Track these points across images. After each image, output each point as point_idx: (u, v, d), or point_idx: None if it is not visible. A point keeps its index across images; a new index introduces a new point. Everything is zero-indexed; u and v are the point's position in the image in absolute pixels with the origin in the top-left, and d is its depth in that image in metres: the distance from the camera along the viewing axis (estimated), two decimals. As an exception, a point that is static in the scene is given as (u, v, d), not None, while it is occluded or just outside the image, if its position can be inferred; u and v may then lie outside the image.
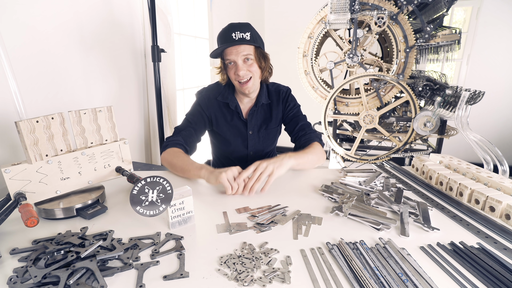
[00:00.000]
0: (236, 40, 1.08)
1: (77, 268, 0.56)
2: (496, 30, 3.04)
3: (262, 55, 1.16)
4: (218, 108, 1.26)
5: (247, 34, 1.08)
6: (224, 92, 1.25)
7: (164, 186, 0.70)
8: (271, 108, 1.29)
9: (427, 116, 1.74)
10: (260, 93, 1.26)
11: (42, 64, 1.13)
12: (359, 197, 0.88)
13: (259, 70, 1.16)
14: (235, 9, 2.94)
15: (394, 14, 1.71)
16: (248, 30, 1.09)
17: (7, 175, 0.73)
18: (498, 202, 0.78)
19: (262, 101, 1.26)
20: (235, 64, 1.12)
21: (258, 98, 1.26)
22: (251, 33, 1.10)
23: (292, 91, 1.35)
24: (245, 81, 1.14)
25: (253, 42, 1.10)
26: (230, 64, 1.14)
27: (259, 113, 1.28)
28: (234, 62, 1.12)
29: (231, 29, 1.08)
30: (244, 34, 1.08)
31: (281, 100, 1.30)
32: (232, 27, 1.09)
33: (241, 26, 1.09)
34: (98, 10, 1.37)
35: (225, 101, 1.24)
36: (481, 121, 3.22)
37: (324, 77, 2.11)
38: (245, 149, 1.31)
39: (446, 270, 0.58)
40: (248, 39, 1.09)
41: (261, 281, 0.55)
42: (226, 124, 1.27)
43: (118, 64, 1.52)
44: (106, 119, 0.89)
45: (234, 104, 1.24)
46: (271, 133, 1.32)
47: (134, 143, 1.69)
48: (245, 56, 1.11)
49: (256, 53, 1.14)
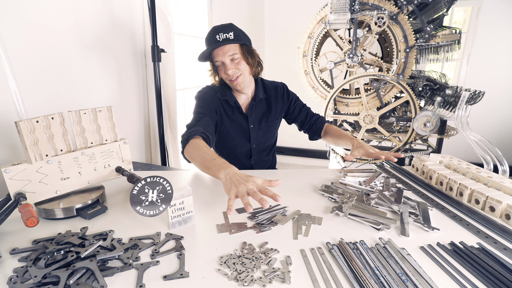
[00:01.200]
0: (220, 41, 1.12)
1: (77, 268, 0.56)
2: (496, 30, 3.04)
3: (248, 52, 1.19)
4: (220, 104, 1.29)
5: (230, 34, 1.12)
6: (222, 90, 1.28)
7: (164, 186, 0.70)
8: (269, 101, 1.34)
9: (427, 116, 1.74)
10: (257, 88, 1.31)
11: (42, 63, 1.13)
12: (359, 197, 0.88)
13: (247, 66, 1.20)
14: (235, 9, 2.94)
15: (394, 14, 1.71)
16: (231, 30, 1.13)
17: (7, 175, 0.73)
18: (498, 202, 0.78)
19: (260, 95, 1.30)
20: (224, 64, 1.16)
21: (256, 93, 1.30)
22: (234, 32, 1.13)
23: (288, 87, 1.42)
24: (235, 79, 1.18)
25: (237, 40, 1.13)
26: (220, 65, 1.18)
27: (258, 107, 1.32)
28: (223, 63, 1.16)
29: (214, 32, 1.13)
30: (227, 34, 1.12)
31: (279, 95, 1.36)
32: (215, 30, 1.13)
33: (223, 28, 1.13)
34: (98, 10, 1.37)
35: (224, 98, 1.27)
36: (481, 121, 3.22)
37: (324, 77, 2.11)
38: (248, 143, 1.34)
39: (446, 270, 0.58)
40: (231, 39, 1.12)
41: (261, 281, 0.55)
42: (228, 120, 1.30)
43: (118, 64, 1.52)
44: (106, 119, 0.89)
45: (233, 100, 1.27)
46: (271, 125, 1.37)
47: (134, 143, 1.69)
48: (231, 56, 1.14)
49: (242, 51, 1.17)
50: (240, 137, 1.33)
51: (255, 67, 1.23)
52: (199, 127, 1.08)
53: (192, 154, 0.98)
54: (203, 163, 0.91)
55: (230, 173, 0.80)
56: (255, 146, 1.35)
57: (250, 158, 1.36)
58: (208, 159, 0.90)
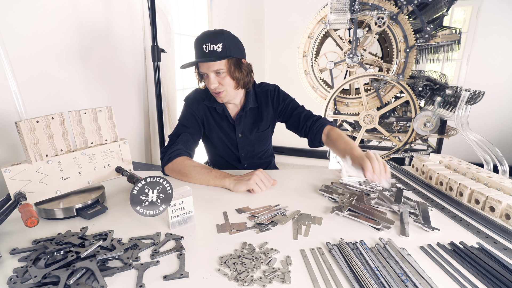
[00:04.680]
0: (206, 53, 1.04)
1: (77, 268, 0.56)
2: (496, 30, 3.04)
3: (236, 65, 1.10)
4: (207, 111, 1.24)
5: (218, 45, 1.03)
6: (211, 97, 1.22)
7: (164, 186, 0.70)
8: (260, 110, 1.27)
9: (427, 116, 1.74)
10: (247, 97, 1.23)
11: (42, 63, 1.13)
12: (359, 197, 0.88)
13: (232, 81, 1.12)
14: (235, 9, 2.94)
15: (394, 14, 1.71)
16: (220, 40, 1.04)
17: (7, 175, 0.73)
18: (498, 202, 0.78)
19: (250, 105, 1.23)
20: (208, 76, 1.10)
21: (245, 103, 1.23)
22: (224, 44, 1.04)
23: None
24: (218, 93, 1.13)
25: (224, 55, 1.05)
26: (204, 75, 1.12)
27: (248, 117, 1.26)
28: (207, 74, 1.10)
29: (202, 40, 1.04)
30: (215, 46, 1.03)
31: (270, 100, 1.27)
32: (203, 38, 1.05)
33: (212, 36, 1.04)
34: (98, 10, 1.37)
35: (212, 105, 1.22)
36: (481, 121, 3.22)
37: (324, 77, 2.11)
38: (236, 151, 1.30)
39: (446, 270, 0.58)
40: (219, 52, 1.04)
41: (261, 281, 0.55)
42: (216, 127, 1.26)
43: (118, 64, 1.52)
44: (106, 119, 0.89)
45: (221, 108, 1.22)
46: (262, 135, 1.30)
47: (134, 143, 1.69)
48: (216, 70, 1.07)
49: (228, 66, 1.08)
50: (228, 146, 1.29)
51: (242, 80, 1.14)
52: (180, 145, 1.12)
53: (183, 171, 1.05)
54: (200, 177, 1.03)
55: (233, 177, 0.98)
56: (244, 155, 1.31)
57: (241, 163, 1.33)
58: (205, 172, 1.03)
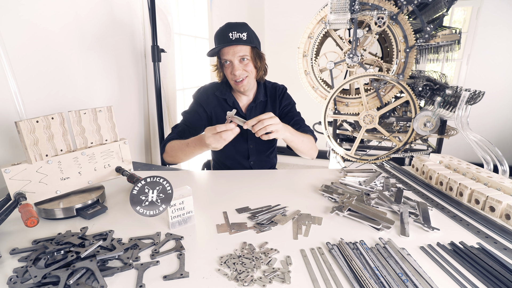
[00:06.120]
0: (233, 40, 1.10)
1: (77, 268, 0.56)
2: (496, 30, 3.04)
3: (258, 55, 1.19)
4: (217, 104, 1.29)
5: (243, 34, 1.11)
6: (222, 89, 1.28)
7: (164, 186, 0.70)
8: (268, 104, 1.34)
9: (427, 116, 1.74)
10: (258, 90, 1.30)
11: (42, 64, 1.13)
12: (359, 197, 0.88)
13: (254, 69, 1.20)
14: (235, 9, 2.94)
15: (394, 14, 1.71)
16: (245, 30, 1.11)
17: (7, 175, 0.73)
18: (498, 202, 0.78)
19: (260, 98, 1.29)
20: (231, 64, 1.15)
21: (257, 95, 1.30)
22: (248, 33, 1.12)
23: (288, 90, 1.39)
24: (240, 80, 1.17)
25: (250, 43, 1.13)
26: (226, 63, 1.17)
27: (257, 109, 1.32)
28: (231, 62, 1.15)
29: (228, 29, 1.11)
30: (241, 34, 1.10)
31: (277, 96, 1.34)
32: (229, 27, 1.11)
33: (238, 26, 1.11)
34: (98, 10, 1.37)
35: (223, 97, 1.27)
36: (481, 121, 3.22)
37: (324, 77, 2.11)
38: (245, 143, 1.33)
39: (446, 270, 0.58)
40: (244, 39, 1.11)
41: (261, 281, 0.55)
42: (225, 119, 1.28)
43: (118, 64, 1.52)
44: (106, 119, 0.89)
45: (232, 101, 1.27)
46: None
47: (134, 143, 1.69)
48: (241, 56, 1.14)
49: (252, 53, 1.16)
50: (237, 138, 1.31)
51: (261, 71, 1.23)
52: (174, 135, 1.21)
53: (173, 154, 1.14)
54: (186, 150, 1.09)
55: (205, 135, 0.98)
56: (253, 146, 1.34)
57: (248, 159, 1.36)
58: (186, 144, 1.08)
